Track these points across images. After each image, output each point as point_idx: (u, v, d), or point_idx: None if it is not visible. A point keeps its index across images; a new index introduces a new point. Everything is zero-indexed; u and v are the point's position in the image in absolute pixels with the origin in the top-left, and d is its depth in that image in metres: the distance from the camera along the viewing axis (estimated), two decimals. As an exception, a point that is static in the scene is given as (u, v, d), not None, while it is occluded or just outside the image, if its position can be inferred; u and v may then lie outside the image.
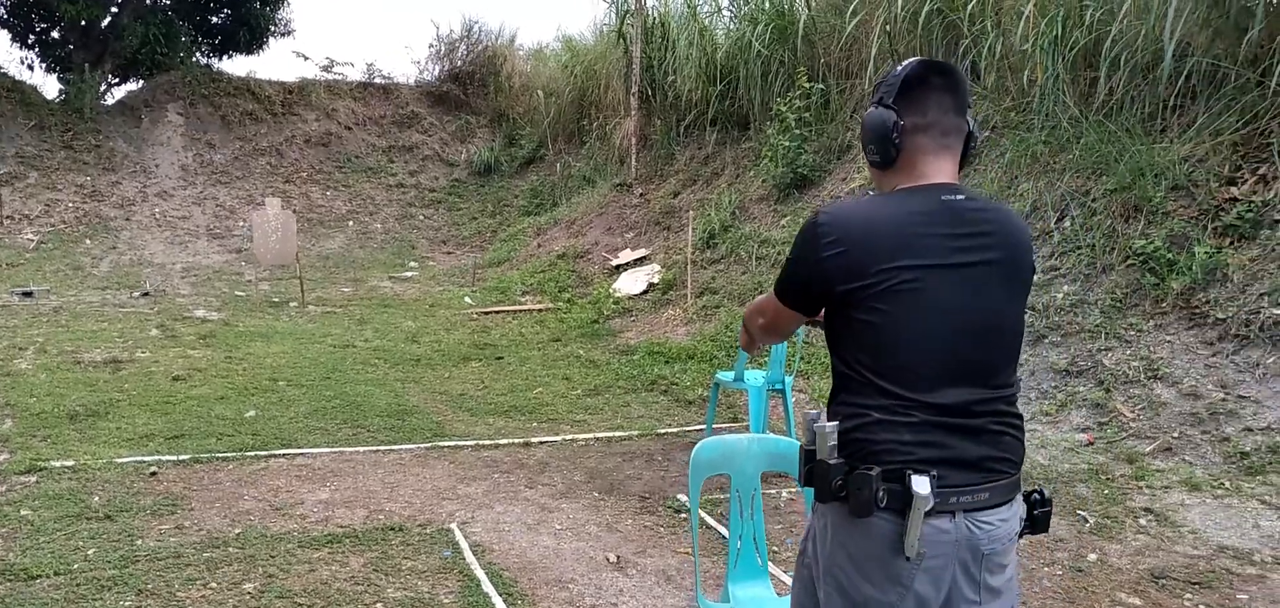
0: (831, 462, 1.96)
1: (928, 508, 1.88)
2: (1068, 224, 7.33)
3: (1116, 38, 7.60)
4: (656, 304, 10.53)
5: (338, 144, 18.34)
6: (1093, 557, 4.38)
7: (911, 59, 2.08)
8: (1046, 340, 6.64)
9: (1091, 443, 5.69)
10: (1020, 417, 2.06)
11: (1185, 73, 7.07)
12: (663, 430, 6.64)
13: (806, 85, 10.65)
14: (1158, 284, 6.41)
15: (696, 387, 7.73)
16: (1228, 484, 4.94)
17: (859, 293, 1.96)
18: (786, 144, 10.48)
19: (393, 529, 4.68)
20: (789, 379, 6.01)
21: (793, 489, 5.29)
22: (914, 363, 1.96)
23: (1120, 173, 7.12)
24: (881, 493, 1.91)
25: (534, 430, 6.67)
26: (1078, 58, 8.06)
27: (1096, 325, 6.47)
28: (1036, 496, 2.08)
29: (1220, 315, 5.93)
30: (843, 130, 10.69)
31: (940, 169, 2.05)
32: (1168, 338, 6.10)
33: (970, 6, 9.16)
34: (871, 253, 1.95)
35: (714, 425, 6.36)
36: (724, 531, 4.70)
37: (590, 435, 6.51)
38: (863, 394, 1.99)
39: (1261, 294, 5.84)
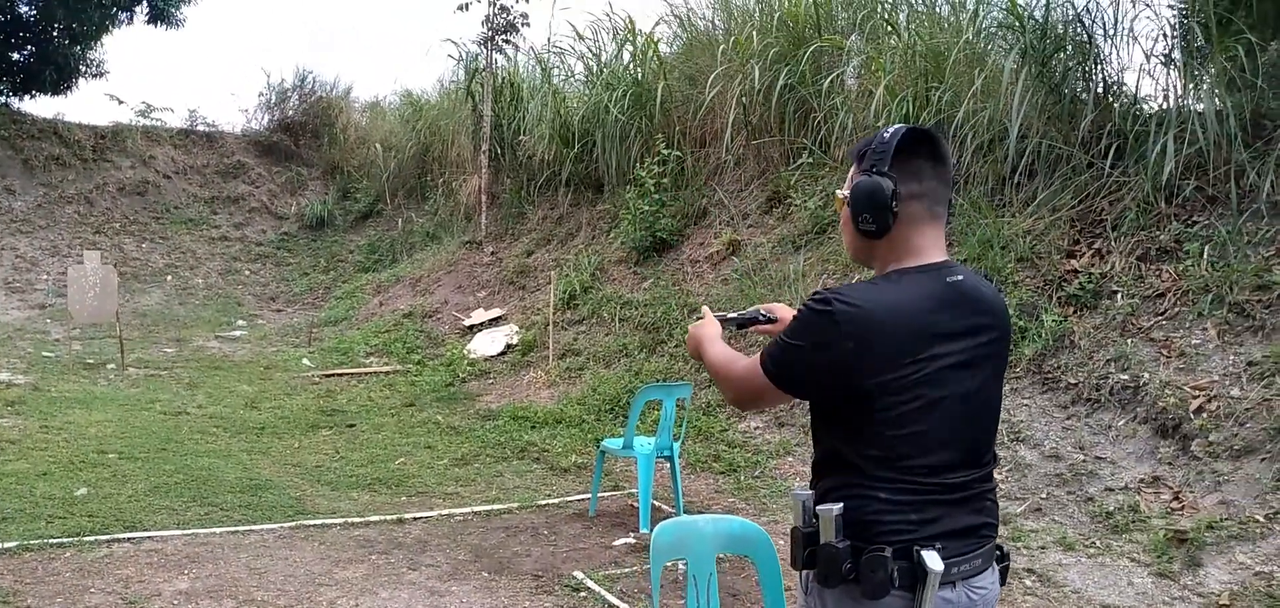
0: (839, 545, 1.90)
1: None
2: (924, 292, 7.66)
3: (963, 119, 8.07)
4: (516, 366, 10.29)
5: (155, 193, 17.14)
6: (989, 620, 4.50)
7: (897, 125, 2.04)
8: (913, 405, 6.87)
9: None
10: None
11: (1026, 152, 7.57)
12: (543, 501, 6.41)
13: (664, 152, 10.78)
14: (1011, 350, 6.76)
15: (569, 454, 7.55)
16: (1098, 543, 5.22)
17: (885, 386, 1.91)
18: (645, 208, 10.54)
19: (270, 623, 4.27)
20: (676, 446, 5.94)
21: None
22: (929, 450, 1.94)
23: (970, 244, 7.52)
24: (894, 573, 1.88)
25: (405, 505, 6.31)
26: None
27: (958, 390, 6.75)
28: (999, 551, 2.10)
29: (1071, 380, 6.31)
30: (698, 197, 10.86)
31: (936, 243, 2.04)
32: (1025, 401, 6.44)
33: (824, 84, 9.55)
34: (899, 347, 1.91)
35: (598, 494, 6.20)
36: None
37: (467, 509, 6.21)
38: (865, 476, 1.94)
39: (1108, 360, 6.25)
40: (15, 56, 17.54)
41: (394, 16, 41.40)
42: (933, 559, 1.87)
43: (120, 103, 24.99)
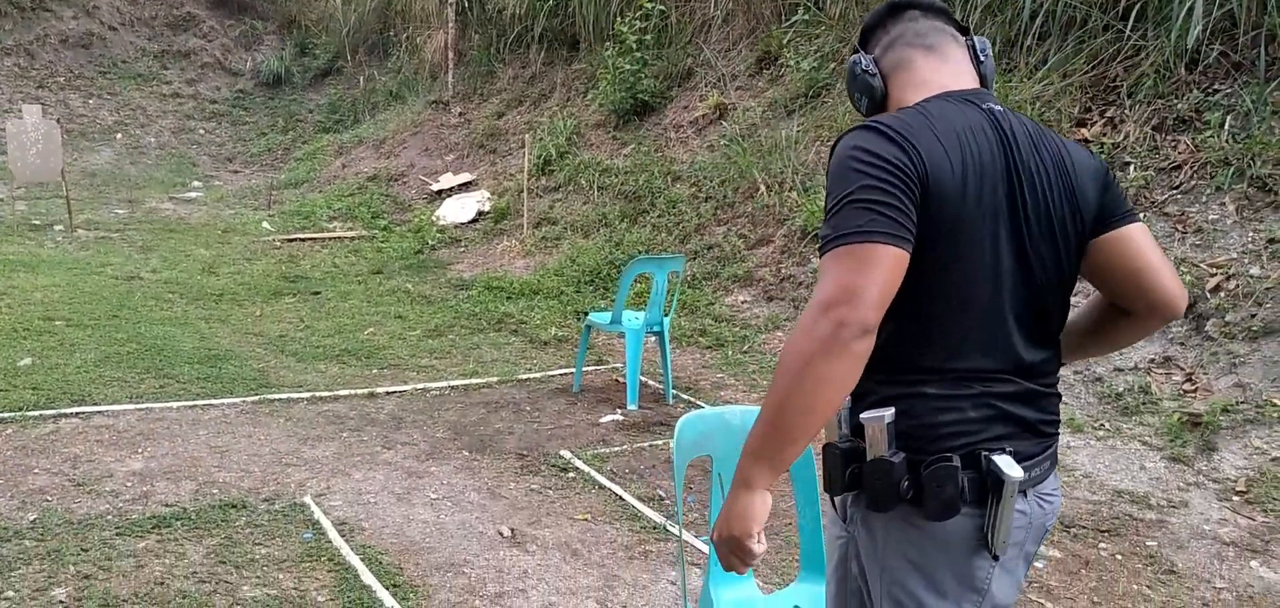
0: (893, 459, 1.52)
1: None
2: (923, 161, 7.28)
3: (970, -26, 7.57)
4: (488, 234, 9.85)
5: (101, 46, 16.16)
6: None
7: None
8: (911, 279, 6.57)
9: (967, 384, 5.65)
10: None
11: (1039, 13, 7.11)
12: (524, 375, 6.08)
13: (647, 5, 10.16)
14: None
15: (549, 326, 7.20)
16: (1108, 426, 4.99)
17: (937, 218, 1.48)
18: (626, 67, 9.98)
19: (233, 507, 3.93)
20: (667, 321, 5.60)
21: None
22: (981, 324, 1.55)
23: (974, 111, 7.12)
24: (965, 485, 1.52)
25: (376, 378, 5.94)
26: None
27: (958, 264, 6.45)
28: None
29: (1080, 256, 6.02)
30: (682, 56, 10.30)
31: (947, 70, 1.64)
32: (1029, 278, 6.15)
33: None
34: (948, 170, 1.49)
35: (583, 369, 5.88)
36: (623, 493, 4.26)
37: (443, 384, 5.86)
38: (907, 371, 1.56)
39: (1118, 236, 5.96)
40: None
41: None
42: (1009, 466, 1.52)
43: (59, -53, 23.53)
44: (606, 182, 9.45)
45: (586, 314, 7.34)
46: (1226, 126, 5.87)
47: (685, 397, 5.68)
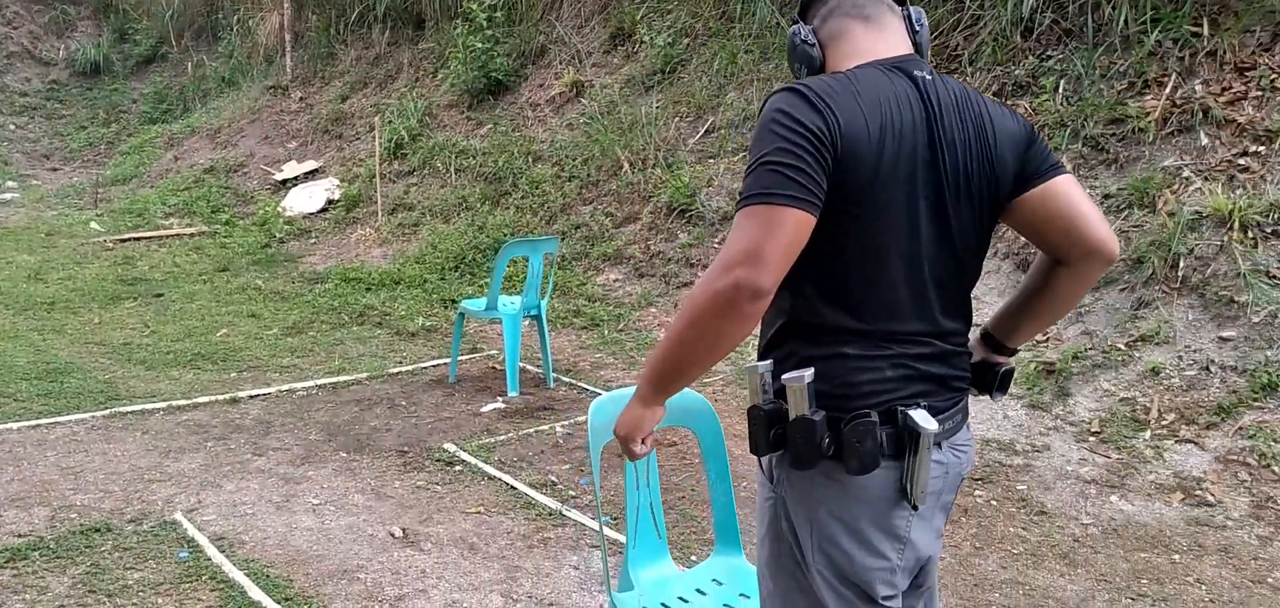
0: (814, 417, 1.56)
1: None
2: (780, 132, 7.44)
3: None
4: (340, 223, 9.49)
5: (-115, 34, 14.62)
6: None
7: None
8: (776, 248, 6.72)
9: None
10: None
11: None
12: (395, 369, 5.89)
13: (496, -17, 9.98)
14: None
15: (415, 316, 7.00)
16: (970, 379, 5.25)
17: (852, 180, 1.51)
18: (477, 46, 9.77)
19: (96, 531, 3.64)
20: (544, 304, 5.53)
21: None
22: (898, 286, 1.60)
23: (827, 82, 7.32)
24: (883, 439, 1.57)
25: (236, 382, 5.63)
26: (780, -33, 8.16)
27: (820, 232, 6.63)
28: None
29: (933, 219, 6.29)
30: (535, 33, 10.17)
31: (882, 40, 1.67)
32: (888, 242, 6.39)
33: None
34: (865, 135, 1.52)
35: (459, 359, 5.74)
36: (514, 482, 4.19)
37: (310, 383, 5.61)
38: (826, 333, 1.61)
39: (968, 198, 6.26)
40: None
41: None
42: (925, 419, 1.57)
43: None
44: (464, 163, 9.25)
45: (456, 302, 7.19)
46: (1060, 90, 6.24)
47: (566, 379, 5.63)
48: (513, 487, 4.15)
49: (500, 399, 5.31)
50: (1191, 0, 5.96)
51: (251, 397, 5.35)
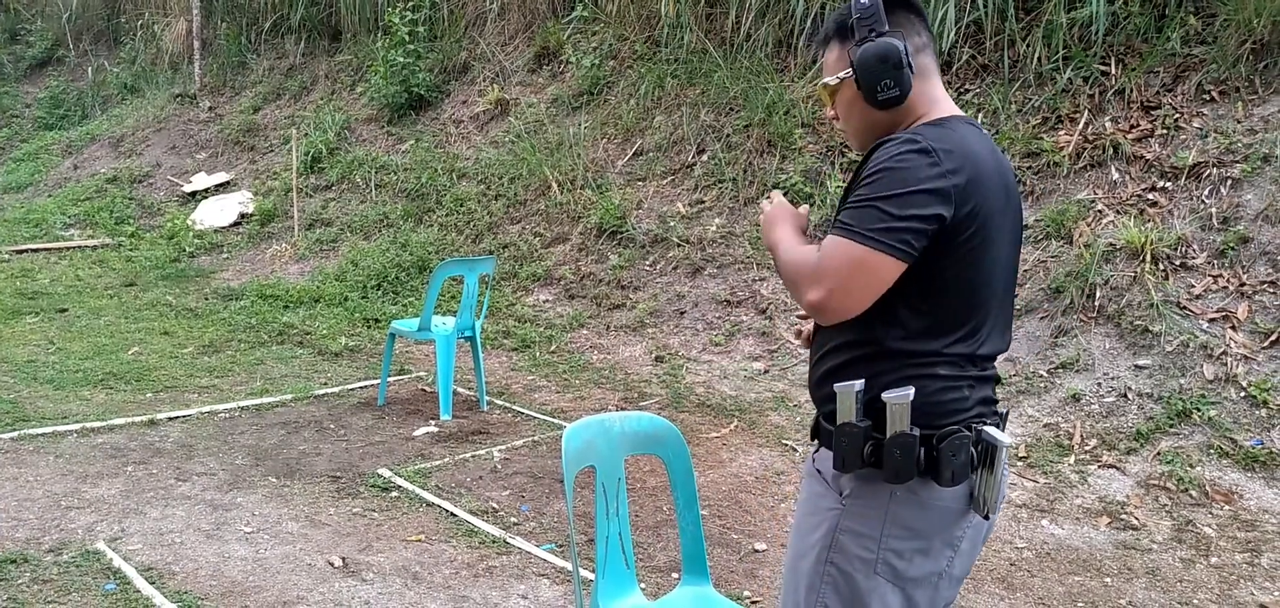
0: (913, 433, 1.66)
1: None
2: (707, 158, 7.53)
3: (745, -23, 7.89)
4: (254, 238, 9.20)
5: None
6: (818, 488, 4.49)
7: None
8: (705, 273, 6.79)
9: (767, 370, 5.91)
10: None
11: (811, 14, 7.52)
12: (320, 391, 5.73)
13: (419, -4, 9.84)
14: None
15: (337, 336, 6.83)
16: (899, 403, 5.38)
17: (963, 231, 1.65)
18: (399, 59, 9.61)
19: (12, 562, 3.44)
20: (479, 326, 5.46)
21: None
22: (980, 317, 1.75)
23: (754, 108, 7.44)
24: (973, 454, 1.72)
25: (153, 404, 5.40)
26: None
27: (748, 256, 6.73)
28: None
29: (859, 245, 6.43)
30: (457, 48, 10.06)
31: (943, 89, 1.84)
32: (815, 267, 6.50)
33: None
34: (979, 187, 1.66)
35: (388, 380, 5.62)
36: (454, 508, 4.12)
37: (233, 405, 5.41)
38: (919, 357, 1.71)
39: (892, 225, 6.42)
40: None
41: None
42: (1001, 434, 1.72)
43: None
44: (385, 179, 9.08)
45: (379, 321, 7.05)
46: (978, 123, 6.46)
47: (499, 402, 5.57)
48: (453, 513, 4.07)
49: (433, 423, 5.21)
50: (1101, 40, 6.25)
51: (170, 419, 5.13)
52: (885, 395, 1.65)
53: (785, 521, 4.10)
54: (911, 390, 1.64)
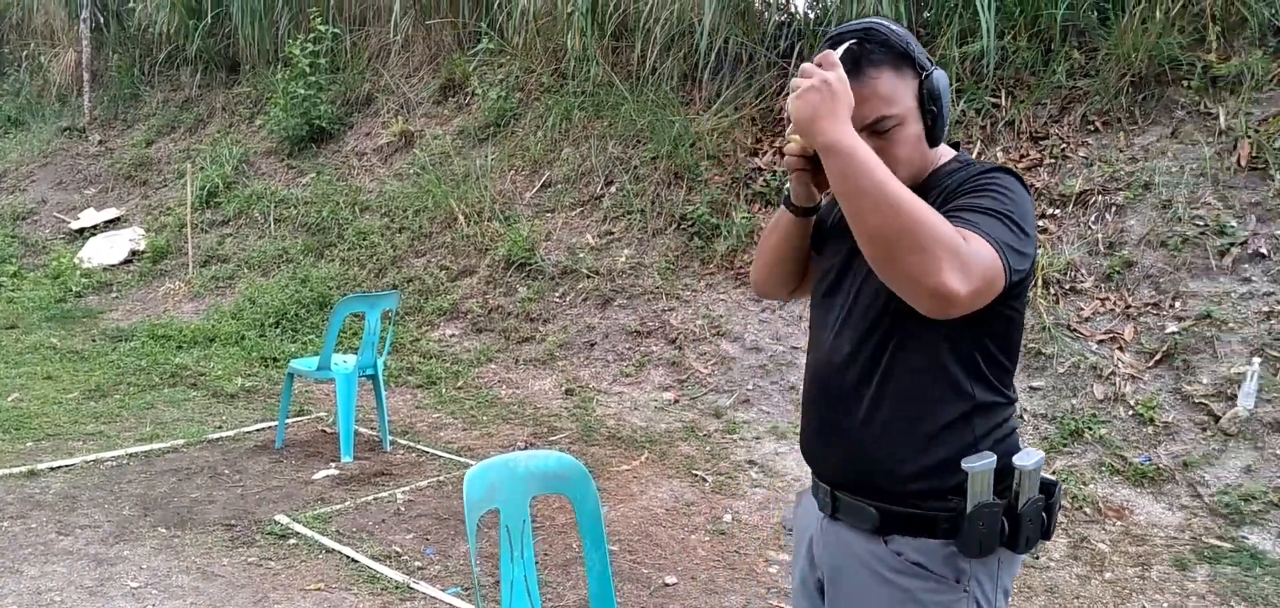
0: (998, 503, 1.52)
1: None
2: (616, 190, 7.54)
3: (650, 12, 7.93)
4: (147, 276, 8.85)
5: None
6: (728, 518, 4.49)
7: (879, 18, 1.63)
8: (615, 303, 6.77)
9: (677, 401, 5.91)
10: None
11: (715, 49, 7.61)
12: (215, 435, 5.50)
13: (320, 27, 9.64)
14: (705, 246, 6.86)
15: (233, 377, 6.59)
16: (807, 431, 5.42)
17: (1028, 274, 1.54)
18: (300, 91, 9.40)
19: None
20: (381, 363, 5.33)
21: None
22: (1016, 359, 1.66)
23: (661, 140, 7.48)
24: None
25: (34, 453, 5.11)
26: (613, 26, 8.28)
27: (657, 287, 6.74)
28: None
29: (765, 274, 6.50)
30: (360, 80, 9.89)
31: None
32: (722, 296, 6.56)
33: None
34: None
35: (287, 421, 5.43)
36: (356, 555, 3.99)
37: (120, 452, 5.16)
38: (996, 410, 1.59)
39: (797, 254, 6.50)
40: None
41: None
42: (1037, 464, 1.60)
43: None
44: (285, 213, 8.85)
45: (278, 360, 6.83)
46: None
47: (403, 442, 5.43)
48: (354, 560, 3.94)
49: (333, 465, 5.06)
50: (992, 73, 6.47)
51: (52, 468, 4.86)
52: (1017, 461, 1.53)
53: (696, 552, 4.08)
54: (993, 457, 1.52)
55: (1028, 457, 1.54)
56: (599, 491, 4.59)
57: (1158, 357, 4.81)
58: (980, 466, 1.50)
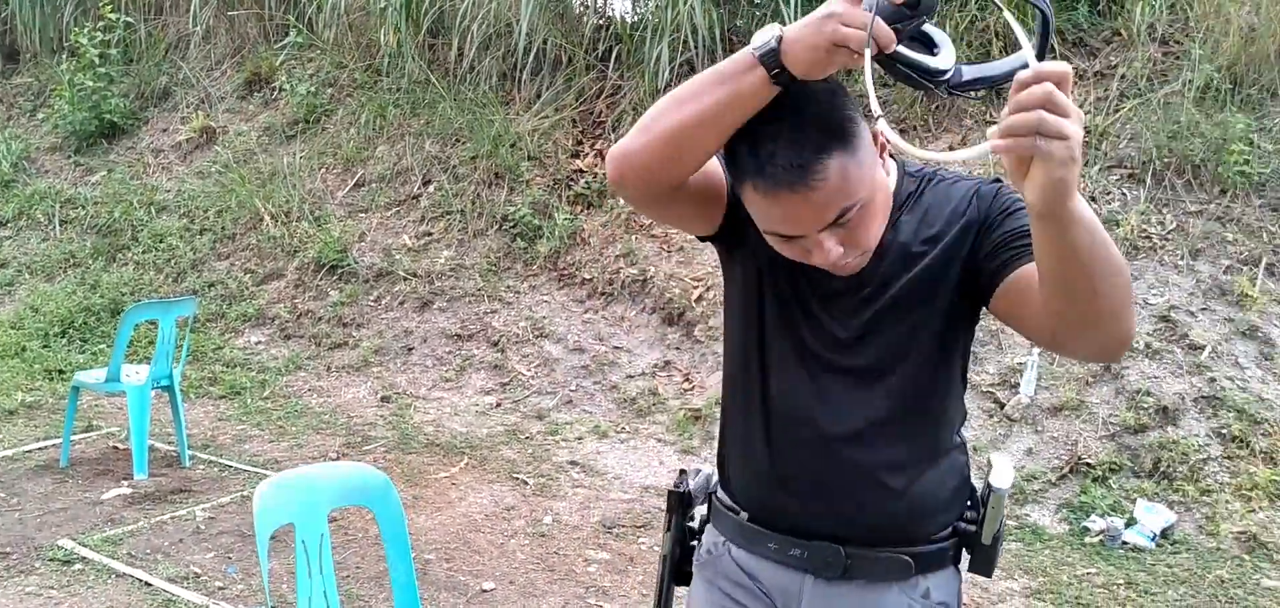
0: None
1: None
2: (434, 189, 7.39)
3: (466, 12, 7.80)
4: (-92, 284, 7.99)
5: None
6: (548, 519, 4.48)
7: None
8: (434, 306, 6.63)
9: (499, 404, 5.86)
10: None
11: (534, 50, 7.57)
12: (-12, 455, 5.04)
13: (110, 15, 8.97)
14: (527, 248, 6.83)
15: (13, 391, 6.05)
16: (627, 428, 5.49)
17: None
18: (89, 84, 8.73)
19: None
20: (177, 373, 5.00)
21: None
22: None
23: (480, 140, 7.39)
24: None
25: None
26: (429, 23, 8.10)
27: (479, 289, 6.65)
28: None
29: (586, 275, 6.54)
30: (156, 73, 9.28)
31: None
32: (545, 298, 6.54)
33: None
34: None
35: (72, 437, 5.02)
36: (150, 578, 3.74)
37: None
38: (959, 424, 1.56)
39: (617, 256, 6.57)
40: None
41: None
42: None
43: None
44: (72, 215, 8.19)
45: (65, 373, 6.32)
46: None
47: (204, 456, 5.13)
48: (148, 583, 3.69)
49: (125, 483, 4.72)
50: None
51: None
52: (993, 481, 1.48)
53: (515, 557, 4.05)
54: (1012, 472, 1.52)
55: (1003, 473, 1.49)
56: (416, 499, 4.51)
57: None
58: (1005, 485, 1.45)
